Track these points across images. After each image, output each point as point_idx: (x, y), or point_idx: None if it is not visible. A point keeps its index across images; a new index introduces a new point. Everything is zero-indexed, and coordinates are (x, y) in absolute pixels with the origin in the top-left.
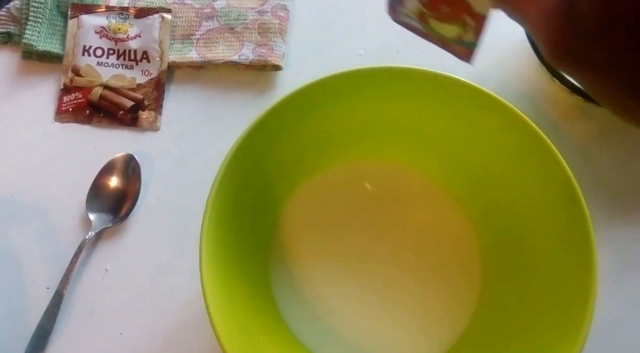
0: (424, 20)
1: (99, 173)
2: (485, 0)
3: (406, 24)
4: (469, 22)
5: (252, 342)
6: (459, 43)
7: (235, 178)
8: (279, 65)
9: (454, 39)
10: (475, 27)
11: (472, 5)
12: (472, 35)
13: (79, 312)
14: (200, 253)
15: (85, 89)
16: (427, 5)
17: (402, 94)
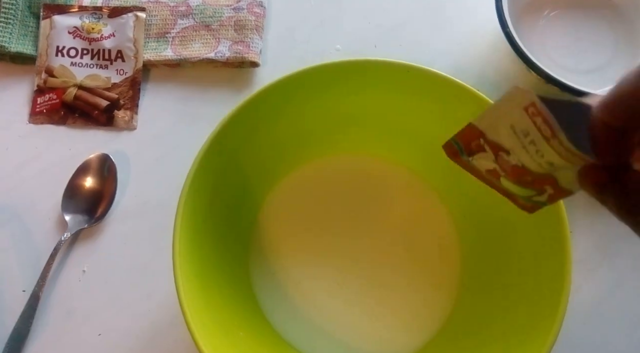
0: (495, 176)
1: (74, 174)
2: (575, 183)
3: (465, 165)
4: (548, 190)
5: (232, 339)
6: (527, 200)
7: (210, 176)
8: (256, 61)
9: (523, 196)
10: (553, 195)
11: (560, 181)
12: (546, 199)
13: (56, 314)
14: (173, 251)
15: (59, 89)
16: (506, 171)
17: (378, 87)
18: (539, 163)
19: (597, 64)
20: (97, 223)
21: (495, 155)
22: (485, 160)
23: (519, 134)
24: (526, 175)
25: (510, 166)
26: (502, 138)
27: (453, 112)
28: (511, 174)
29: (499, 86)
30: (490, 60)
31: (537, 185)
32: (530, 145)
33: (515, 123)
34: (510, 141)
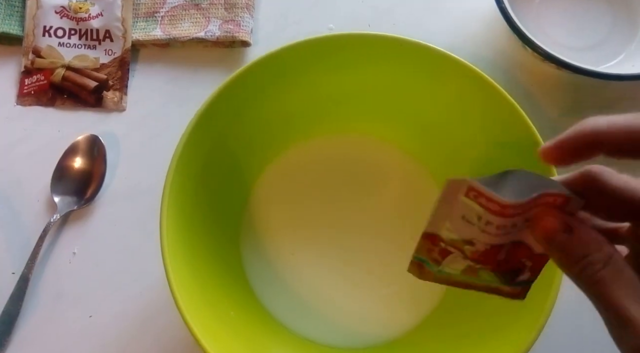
0: (472, 274)
1: (63, 155)
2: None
3: (438, 278)
4: (527, 263)
5: (223, 318)
6: (513, 285)
7: (197, 156)
8: (247, 41)
9: (507, 284)
10: (533, 265)
11: (534, 248)
12: (530, 274)
13: (46, 297)
14: (161, 233)
15: (47, 70)
16: (480, 261)
17: (369, 63)
18: (502, 235)
19: (594, 41)
20: (87, 205)
21: (462, 252)
22: (456, 262)
23: (473, 221)
24: (499, 252)
25: (480, 253)
26: (460, 232)
27: (448, 88)
28: (485, 260)
29: (495, 65)
30: (485, 39)
31: (514, 260)
32: (487, 225)
33: (464, 212)
34: (468, 231)
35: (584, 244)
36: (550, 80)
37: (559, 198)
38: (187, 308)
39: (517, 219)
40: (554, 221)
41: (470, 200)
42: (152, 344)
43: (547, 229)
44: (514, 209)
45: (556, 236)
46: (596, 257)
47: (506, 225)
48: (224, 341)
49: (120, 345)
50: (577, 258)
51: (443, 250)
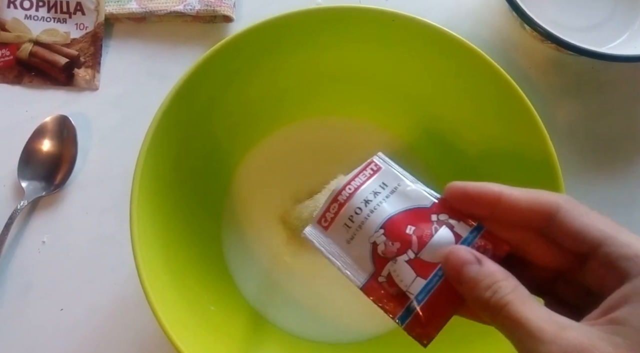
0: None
1: (30, 137)
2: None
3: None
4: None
5: (201, 313)
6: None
7: (173, 137)
8: (229, 16)
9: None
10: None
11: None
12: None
13: (14, 288)
14: (131, 221)
15: (12, 45)
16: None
17: (359, 40)
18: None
19: (596, 22)
20: (57, 191)
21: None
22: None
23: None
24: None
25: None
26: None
27: (442, 66)
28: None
29: (492, 45)
30: (482, 18)
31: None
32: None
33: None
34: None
35: (493, 273)
36: (549, 61)
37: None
38: (159, 302)
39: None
40: (465, 254)
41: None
42: (127, 338)
43: (460, 260)
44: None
45: (469, 268)
46: (505, 283)
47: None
48: (199, 336)
49: (93, 340)
50: (487, 286)
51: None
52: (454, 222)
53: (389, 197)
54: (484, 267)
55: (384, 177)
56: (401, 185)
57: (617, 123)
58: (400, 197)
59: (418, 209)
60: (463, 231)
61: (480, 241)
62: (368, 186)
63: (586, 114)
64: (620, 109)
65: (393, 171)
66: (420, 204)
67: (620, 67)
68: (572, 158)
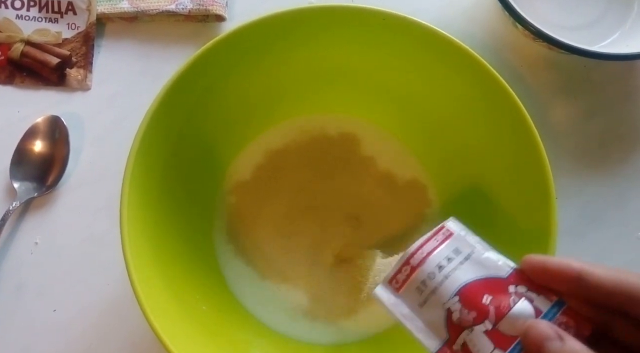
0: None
1: (22, 138)
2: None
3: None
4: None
5: (192, 314)
6: None
7: (165, 136)
8: (221, 15)
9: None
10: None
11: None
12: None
13: (6, 289)
14: (121, 220)
15: (4, 45)
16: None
17: (353, 38)
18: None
19: (588, 20)
20: (49, 192)
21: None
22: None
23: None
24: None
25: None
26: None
27: (433, 66)
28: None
29: (484, 44)
30: (474, 17)
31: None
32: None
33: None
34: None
35: (575, 351)
36: (541, 60)
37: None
38: (149, 303)
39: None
40: (547, 329)
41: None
42: (119, 338)
43: (542, 335)
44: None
45: (551, 344)
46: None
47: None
48: (190, 336)
49: (86, 341)
50: None
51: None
52: (533, 295)
53: (463, 264)
54: (566, 344)
55: (456, 242)
56: (475, 252)
57: (608, 122)
58: (475, 265)
59: (494, 279)
60: (543, 306)
61: (562, 318)
62: (441, 251)
63: (578, 112)
64: (612, 107)
65: (465, 237)
66: (496, 274)
67: (612, 65)
68: (564, 156)
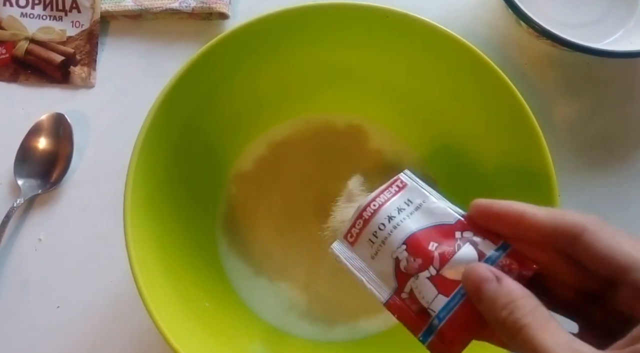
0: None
1: (27, 135)
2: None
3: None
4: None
5: (195, 310)
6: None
7: (168, 135)
8: (225, 13)
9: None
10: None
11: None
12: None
13: (10, 286)
14: (125, 218)
15: (8, 43)
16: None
17: (352, 37)
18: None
19: (592, 18)
20: (53, 189)
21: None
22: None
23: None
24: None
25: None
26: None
27: (437, 64)
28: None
29: (487, 42)
30: (478, 15)
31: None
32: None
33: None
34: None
35: (511, 291)
36: (545, 58)
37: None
38: (153, 300)
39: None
40: (484, 270)
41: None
42: (123, 335)
43: (479, 278)
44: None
45: (487, 286)
46: (522, 302)
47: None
48: (193, 332)
49: (90, 337)
50: (504, 304)
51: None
52: (478, 239)
53: (413, 214)
54: (502, 285)
55: (409, 194)
56: (426, 202)
57: (612, 119)
58: (425, 214)
59: (442, 226)
60: (487, 249)
61: (505, 260)
62: (393, 202)
63: (581, 110)
64: (615, 105)
65: (419, 188)
66: (444, 221)
67: (616, 63)
68: (567, 154)
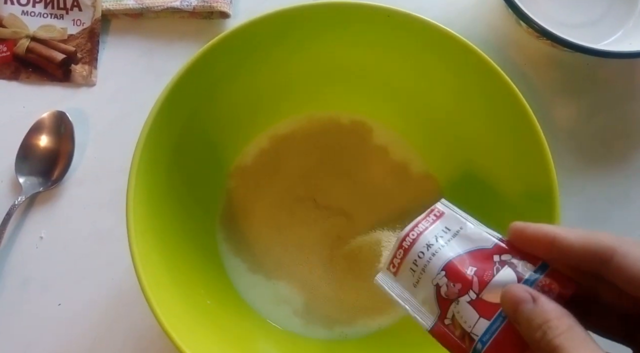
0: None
1: (28, 133)
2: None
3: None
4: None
5: (197, 308)
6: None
7: (169, 133)
8: (226, 12)
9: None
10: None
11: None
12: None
13: (11, 284)
14: (127, 215)
15: (9, 41)
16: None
17: (354, 36)
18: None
19: (591, 18)
20: (55, 187)
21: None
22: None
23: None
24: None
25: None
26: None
27: (438, 63)
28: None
29: (487, 42)
30: (477, 15)
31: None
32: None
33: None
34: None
35: (546, 311)
36: (545, 58)
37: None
38: (156, 297)
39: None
40: (520, 291)
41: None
42: (124, 332)
43: (515, 299)
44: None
45: (524, 306)
46: (556, 323)
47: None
48: (196, 331)
49: (91, 335)
50: (539, 325)
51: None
52: (516, 262)
53: (451, 241)
54: (537, 305)
55: (446, 221)
56: (463, 228)
57: (611, 119)
58: (462, 240)
59: (480, 250)
60: (526, 270)
61: (545, 280)
62: (431, 231)
63: (581, 110)
64: (615, 105)
65: (456, 215)
66: (482, 245)
67: (615, 63)
68: (566, 154)
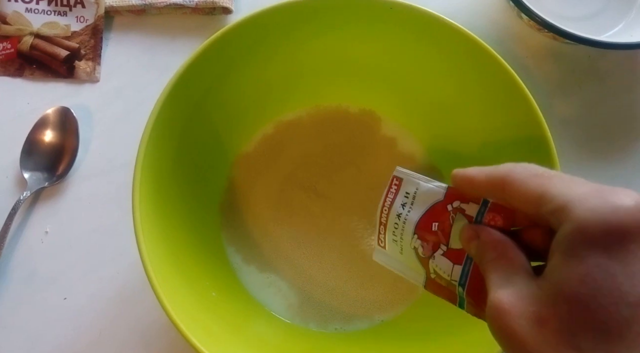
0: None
1: (32, 129)
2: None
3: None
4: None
5: (202, 300)
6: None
7: (173, 127)
8: (228, 7)
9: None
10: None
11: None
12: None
13: (17, 278)
14: (134, 210)
15: (14, 38)
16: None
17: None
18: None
19: (592, 10)
20: (59, 182)
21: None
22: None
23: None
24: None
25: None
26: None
27: (440, 55)
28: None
29: (489, 35)
30: (479, 8)
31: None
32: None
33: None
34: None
35: (484, 243)
36: (546, 51)
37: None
38: (163, 288)
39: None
40: (467, 231)
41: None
42: (130, 327)
43: (465, 239)
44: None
45: (472, 242)
46: (490, 253)
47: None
48: (202, 322)
49: (96, 328)
50: (482, 255)
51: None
52: (465, 205)
53: (413, 204)
54: (480, 239)
55: (406, 187)
56: (418, 188)
57: (612, 111)
58: (420, 200)
59: (436, 205)
60: (473, 211)
61: (489, 215)
62: (397, 201)
63: (582, 102)
64: (616, 97)
65: (411, 179)
66: (436, 200)
67: (616, 55)
68: (568, 146)
